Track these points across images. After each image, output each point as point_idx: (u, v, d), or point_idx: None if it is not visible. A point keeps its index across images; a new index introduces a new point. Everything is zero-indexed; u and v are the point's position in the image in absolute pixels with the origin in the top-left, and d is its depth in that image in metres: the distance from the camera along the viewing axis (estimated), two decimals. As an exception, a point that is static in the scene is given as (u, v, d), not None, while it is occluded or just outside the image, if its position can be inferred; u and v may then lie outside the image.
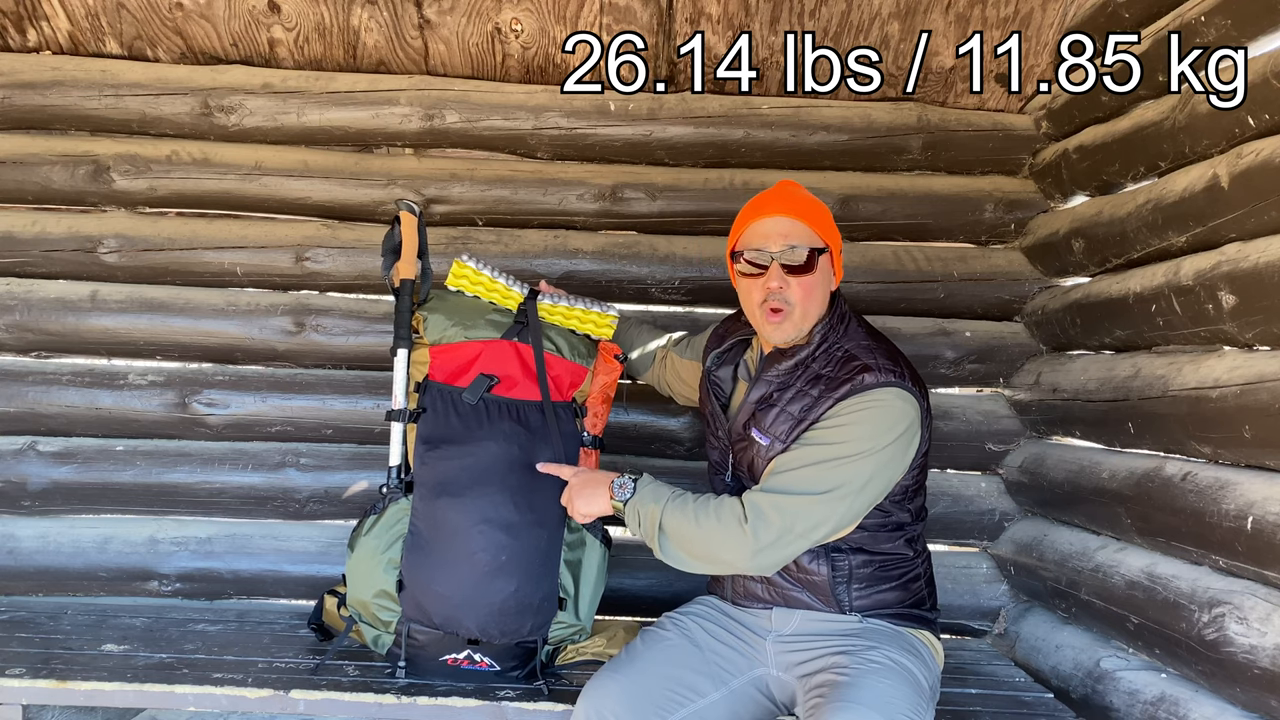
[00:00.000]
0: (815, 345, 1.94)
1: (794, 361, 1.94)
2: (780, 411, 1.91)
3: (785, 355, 1.96)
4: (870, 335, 1.98)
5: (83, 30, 2.80)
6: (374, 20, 2.74)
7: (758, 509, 1.80)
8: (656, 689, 1.85)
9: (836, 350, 1.92)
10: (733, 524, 1.80)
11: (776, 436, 1.91)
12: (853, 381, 1.85)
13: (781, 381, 1.95)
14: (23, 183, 2.84)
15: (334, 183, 2.88)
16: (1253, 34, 1.92)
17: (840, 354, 1.91)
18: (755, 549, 1.78)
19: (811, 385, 1.90)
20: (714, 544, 1.81)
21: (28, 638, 2.42)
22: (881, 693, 1.71)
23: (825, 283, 1.95)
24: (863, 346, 1.92)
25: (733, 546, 1.79)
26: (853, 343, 1.93)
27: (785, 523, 1.78)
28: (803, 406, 1.89)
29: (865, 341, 1.94)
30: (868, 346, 1.92)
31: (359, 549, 2.18)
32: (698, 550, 1.84)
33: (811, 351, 1.94)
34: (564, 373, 2.23)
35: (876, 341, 1.96)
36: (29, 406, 2.85)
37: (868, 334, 1.98)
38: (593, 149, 2.91)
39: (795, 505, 1.79)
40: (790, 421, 1.90)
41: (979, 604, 2.88)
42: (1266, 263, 1.75)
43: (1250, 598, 1.76)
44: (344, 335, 2.89)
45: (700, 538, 1.82)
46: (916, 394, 1.88)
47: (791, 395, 1.91)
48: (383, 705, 2.06)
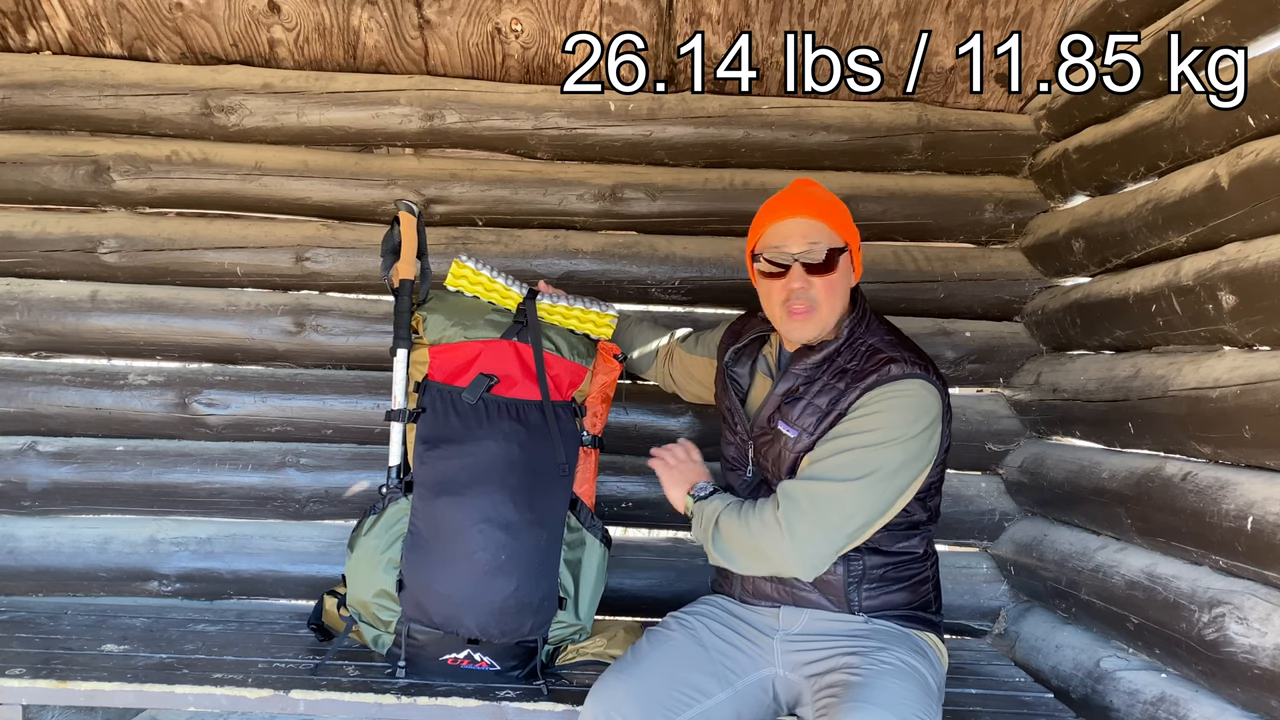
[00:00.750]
0: (843, 340, 1.96)
1: (821, 355, 1.96)
2: (807, 404, 1.93)
3: (813, 349, 1.98)
4: (891, 331, 2.02)
5: (83, 30, 2.80)
6: (374, 20, 2.74)
7: (790, 496, 1.83)
8: (664, 690, 1.85)
9: (861, 345, 1.95)
10: (770, 515, 1.84)
11: (804, 429, 1.92)
12: (879, 372, 1.88)
13: (808, 375, 1.96)
14: (23, 183, 2.84)
15: (334, 183, 2.88)
16: (1253, 34, 1.92)
17: (865, 348, 1.94)
18: (792, 541, 1.80)
19: (838, 379, 1.93)
20: (756, 536, 1.85)
21: (28, 638, 2.42)
22: (895, 693, 1.72)
23: (846, 280, 1.98)
24: (886, 341, 1.95)
25: (770, 538, 1.83)
26: (876, 337, 1.96)
27: (817, 510, 1.80)
28: (830, 399, 1.91)
29: (889, 336, 1.98)
30: (891, 341, 1.96)
31: (359, 549, 2.19)
32: (743, 545, 1.88)
33: (838, 346, 1.96)
34: (563, 372, 2.24)
35: (899, 337, 1.99)
36: (29, 407, 2.85)
37: (889, 330, 2.01)
38: (593, 149, 2.91)
39: (826, 491, 1.81)
40: (817, 414, 1.92)
41: (979, 604, 2.88)
42: (1266, 263, 1.75)
43: (1250, 598, 1.75)
44: (344, 335, 2.89)
45: (744, 533, 1.86)
46: (940, 388, 1.92)
47: (818, 389, 1.94)
48: (383, 705, 2.06)
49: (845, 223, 1.99)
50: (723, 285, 2.89)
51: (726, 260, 2.87)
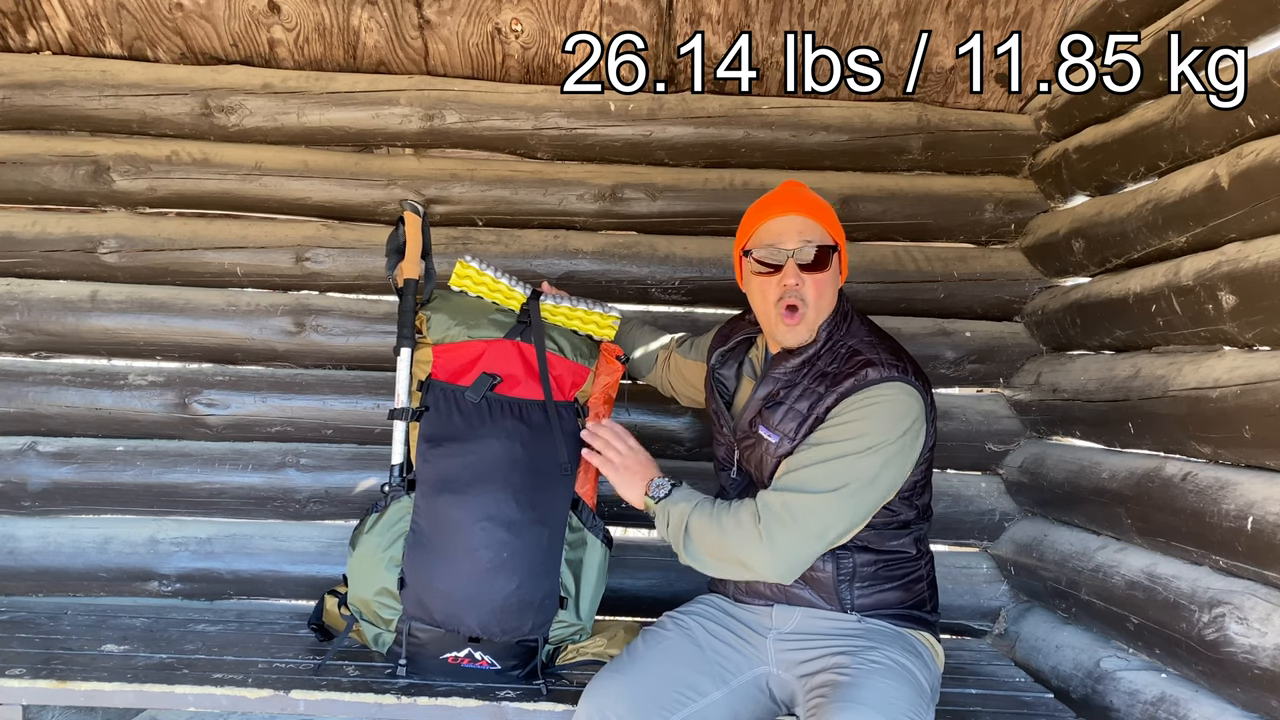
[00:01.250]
0: (821, 343, 1.96)
1: (801, 359, 1.96)
2: (788, 409, 1.93)
3: (792, 353, 1.97)
4: (873, 332, 2.00)
5: (83, 30, 2.80)
6: (374, 20, 2.74)
7: (769, 508, 1.82)
8: (658, 689, 1.85)
9: (840, 347, 1.94)
10: (749, 523, 1.82)
11: (785, 434, 1.92)
12: (856, 376, 1.86)
13: (788, 379, 1.96)
14: (23, 183, 2.84)
15: (334, 183, 2.88)
16: (1253, 34, 1.92)
17: (844, 350, 1.93)
18: (771, 550, 1.79)
19: (818, 382, 1.92)
20: (732, 544, 1.83)
21: (28, 638, 2.42)
22: (883, 693, 1.71)
23: (835, 280, 1.98)
24: (866, 342, 1.94)
25: (749, 546, 1.81)
26: (856, 339, 1.95)
27: (796, 523, 1.79)
28: (810, 404, 1.91)
29: (868, 338, 1.96)
30: (870, 342, 1.94)
31: (361, 547, 2.19)
32: (718, 551, 1.86)
33: (818, 349, 1.95)
34: (566, 373, 2.24)
35: (879, 338, 1.98)
36: (29, 407, 2.85)
37: (870, 330, 2.00)
38: (593, 149, 2.91)
39: (805, 503, 1.80)
40: (798, 419, 1.91)
41: (979, 604, 2.88)
42: (1266, 263, 1.75)
43: (1250, 598, 1.76)
44: (344, 335, 2.89)
45: (719, 539, 1.85)
46: (920, 388, 1.90)
47: (799, 393, 1.93)
48: (383, 705, 2.06)
49: (834, 223, 2.00)
50: (723, 285, 2.89)
51: (726, 260, 2.88)
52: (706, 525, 1.87)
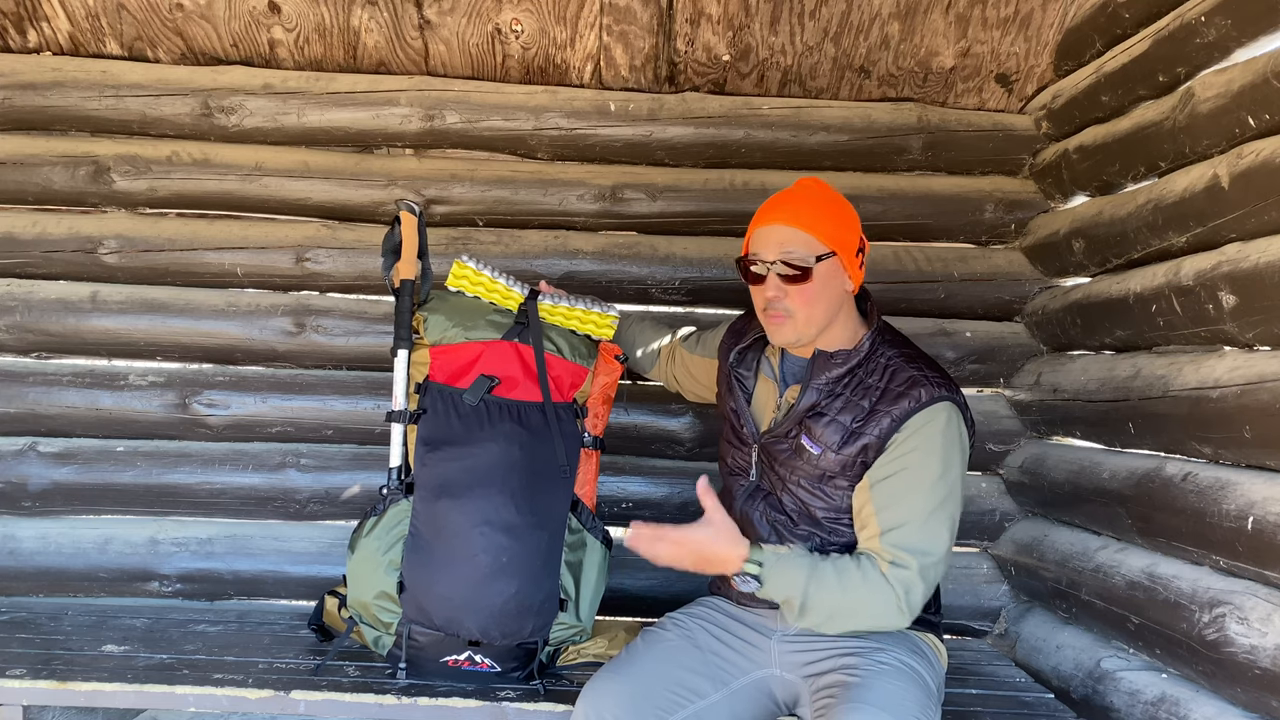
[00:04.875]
0: (865, 354, 1.93)
1: (844, 369, 1.93)
2: (831, 421, 1.91)
3: (834, 363, 1.93)
4: (906, 344, 1.99)
5: (83, 31, 2.80)
6: (374, 21, 2.74)
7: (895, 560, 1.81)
8: (656, 690, 1.85)
9: (880, 357, 1.93)
10: (879, 584, 1.81)
11: (828, 446, 1.90)
12: (909, 396, 1.86)
13: (830, 390, 1.93)
14: (23, 183, 2.84)
15: (334, 183, 2.88)
16: (1253, 34, 1.92)
17: (885, 363, 1.92)
18: (906, 602, 1.80)
19: (861, 396, 1.90)
20: (863, 609, 1.83)
21: (28, 638, 2.42)
22: (892, 694, 1.72)
23: (829, 289, 1.91)
24: (904, 355, 1.93)
25: (882, 604, 1.81)
26: (894, 350, 1.94)
27: (927, 581, 1.81)
28: (854, 417, 1.89)
29: (906, 350, 1.95)
30: (908, 355, 1.94)
31: (359, 550, 2.18)
32: (848, 621, 1.85)
33: (861, 360, 1.93)
34: (564, 373, 2.23)
35: (914, 349, 1.97)
36: (29, 407, 2.85)
37: (904, 342, 1.99)
38: (593, 149, 2.91)
39: (917, 536, 1.82)
40: (842, 431, 1.89)
41: (979, 604, 2.88)
42: (1267, 263, 1.75)
43: (1251, 598, 1.76)
44: (344, 336, 2.89)
45: (849, 607, 1.83)
46: (964, 404, 1.93)
47: (841, 405, 1.91)
48: (383, 706, 2.06)
49: (833, 229, 1.91)
50: (723, 285, 2.89)
51: (727, 260, 2.88)
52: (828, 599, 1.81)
